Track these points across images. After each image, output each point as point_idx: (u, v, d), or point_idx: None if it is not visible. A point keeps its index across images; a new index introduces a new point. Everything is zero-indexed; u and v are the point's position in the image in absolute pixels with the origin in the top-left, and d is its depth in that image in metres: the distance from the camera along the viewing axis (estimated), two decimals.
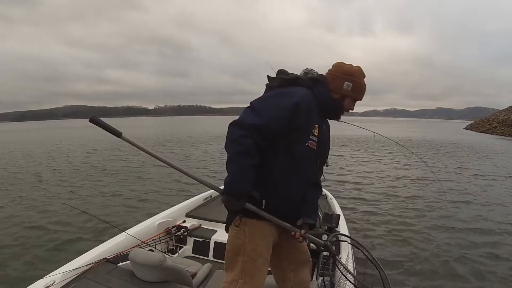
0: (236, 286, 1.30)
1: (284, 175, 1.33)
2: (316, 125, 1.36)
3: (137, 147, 1.25)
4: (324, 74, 1.46)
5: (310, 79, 1.41)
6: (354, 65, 1.41)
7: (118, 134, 1.21)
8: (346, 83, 1.38)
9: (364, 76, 1.42)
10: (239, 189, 1.24)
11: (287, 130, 1.28)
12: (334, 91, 1.40)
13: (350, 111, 1.45)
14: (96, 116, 1.19)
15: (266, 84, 1.45)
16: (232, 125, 1.25)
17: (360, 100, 1.44)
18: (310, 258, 1.57)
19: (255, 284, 1.32)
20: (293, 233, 1.38)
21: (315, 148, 1.36)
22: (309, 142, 1.33)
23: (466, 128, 46.90)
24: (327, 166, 1.54)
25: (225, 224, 1.41)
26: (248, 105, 1.30)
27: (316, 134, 1.35)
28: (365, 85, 1.42)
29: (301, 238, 1.38)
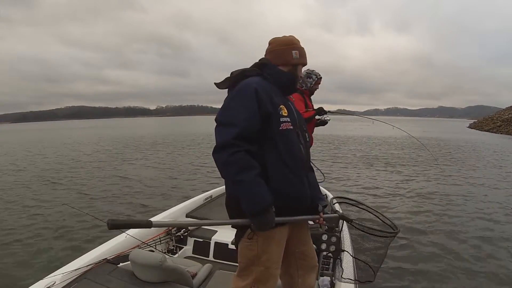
0: None
1: (279, 167, 1.29)
2: (282, 106, 1.33)
3: (170, 226, 1.18)
4: (267, 59, 1.42)
5: (255, 67, 1.40)
6: (287, 35, 1.42)
7: (148, 225, 1.11)
8: (293, 52, 1.39)
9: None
10: (261, 205, 1.17)
11: (261, 122, 1.25)
12: (284, 64, 1.39)
13: (301, 77, 1.49)
14: (113, 220, 1.02)
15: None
16: (215, 153, 1.20)
17: (306, 64, 1.45)
18: (317, 263, 1.59)
19: None
20: (312, 222, 1.43)
21: (292, 127, 1.34)
22: (282, 124, 1.30)
23: (469, 127, 46.09)
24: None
25: (234, 239, 1.39)
26: (216, 125, 1.25)
27: (285, 114, 1.33)
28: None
29: (323, 221, 1.43)
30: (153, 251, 2.39)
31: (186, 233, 2.71)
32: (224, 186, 4.16)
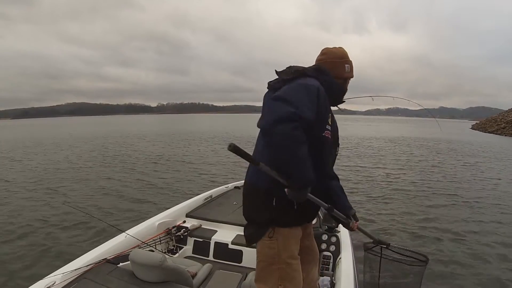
0: None
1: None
2: (330, 114, 1.36)
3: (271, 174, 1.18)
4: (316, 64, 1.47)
5: (314, 70, 1.40)
6: (337, 47, 1.46)
7: (257, 163, 1.15)
8: (346, 66, 1.43)
9: None
10: (309, 181, 1.19)
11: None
12: (337, 77, 1.41)
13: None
14: (233, 143, 1.08)
15: (269, 83, 1.40)
16: (279, 123, 1.13)
17: (353, 77, 1.49)
18: (318, 255, 1.65)
19: (296, 285, 1.35)
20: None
21: (330, 137, 1.36)
22: (325, 132, 1.32)
23: (472, 128, 45.54)
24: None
25: (249, 239, 1.38)
26: (276, 99, 1.19)
27: (330, 124, 1.35)
28: None
29: (356, 228, 1.50)
30: (153, 251, 2.39)
31: (186, 233, 2.71)
32: (223, 187, 4.12)
